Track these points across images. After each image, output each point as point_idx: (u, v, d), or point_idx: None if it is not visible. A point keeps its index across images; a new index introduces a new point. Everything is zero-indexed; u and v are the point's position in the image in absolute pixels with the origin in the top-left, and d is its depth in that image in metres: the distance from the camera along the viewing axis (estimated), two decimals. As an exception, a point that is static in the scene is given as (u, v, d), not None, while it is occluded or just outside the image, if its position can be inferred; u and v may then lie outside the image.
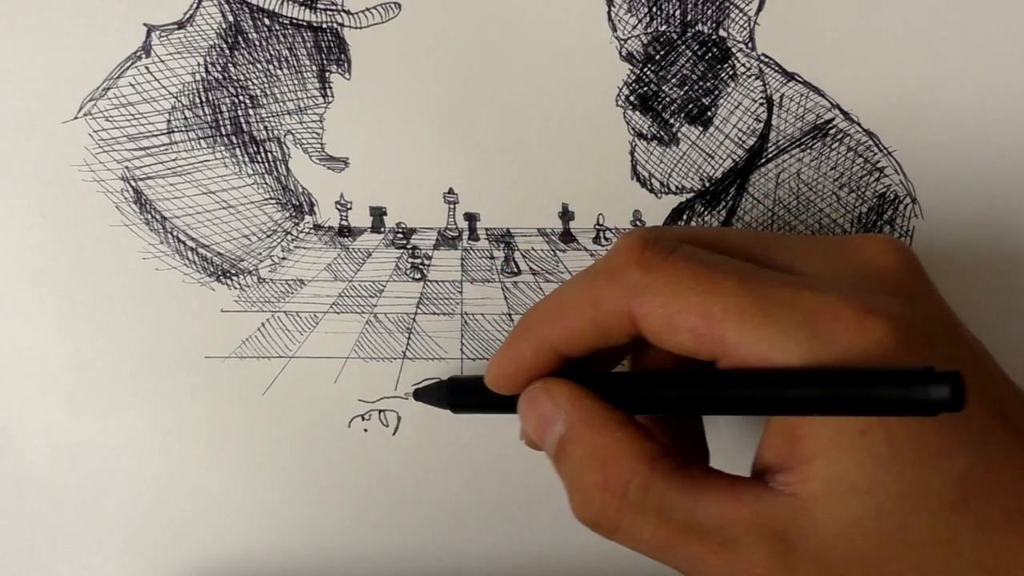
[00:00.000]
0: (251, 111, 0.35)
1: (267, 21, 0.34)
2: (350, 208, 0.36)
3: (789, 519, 0.24)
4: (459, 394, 0.32)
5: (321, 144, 0.35)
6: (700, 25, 0.34)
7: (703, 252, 0.26)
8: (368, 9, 0.34)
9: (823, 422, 0.24)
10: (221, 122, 0.35)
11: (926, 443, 0.24)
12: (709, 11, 0.34)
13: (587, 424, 0.27)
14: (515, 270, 0.36)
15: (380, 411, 0.37)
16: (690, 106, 0.35)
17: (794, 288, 0.24)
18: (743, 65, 0.35)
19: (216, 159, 0.35)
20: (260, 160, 0.35)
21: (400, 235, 0.36)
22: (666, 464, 0.26)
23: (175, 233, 0.36)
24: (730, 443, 0.34)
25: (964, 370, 0.25)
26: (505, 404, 0.29)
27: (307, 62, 0.35)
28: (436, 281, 0.36)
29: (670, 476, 0.26)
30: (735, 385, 0.24)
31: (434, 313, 0.36)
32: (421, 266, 0.36)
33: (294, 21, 0.34)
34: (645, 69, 0.35)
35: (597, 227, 0.36)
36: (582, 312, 0.27)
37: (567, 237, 0.36)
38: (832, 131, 0.35)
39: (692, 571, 0.26)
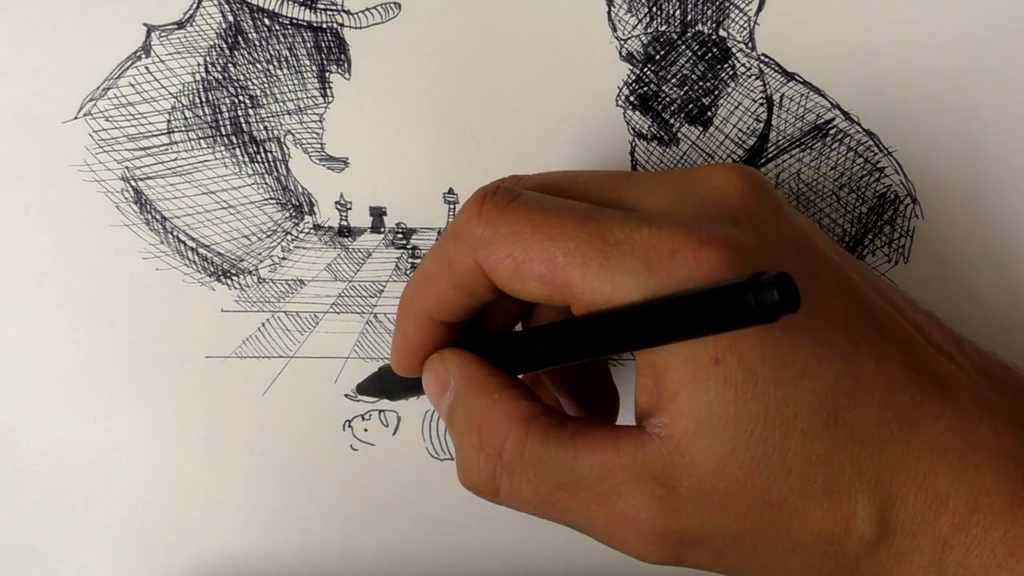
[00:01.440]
0: (251, 111, 0.35)
1: (267, 21, 0.34)
2: (350, 208, 0.36)
3: (666, 460, 0.24)
4: (388, 382, 0.32)
5: (321, 144, 0.35)
6: (700, 25, 0.34)
7: (544, 197, 0.26)
8: (368, 9, 0.34)
9: (679, 357, 0.24)
10: (221, 122, 0.35)
11: (785, 363, 0.24)
12: (709, 11, 0.34)
13: (470, 388, 0.27)
14: (515, 270, 0.36)
15: (380, 411, 0.37)
16: (690, 106, 0.35)
17: (632, 225, 0.24)
18: (743, 65, 0.35)
19: (216, 159, 0.35)
20: (260, 160, 0.35)
21: (400, 235, 0.36)
22: (543, 422, 0.26)
23: (175, 233, 0.36)
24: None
25: (819, 285, 0.25)
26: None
27: (307, 62, 0.35)
28: (436, 281, 0.36)
29: (546, 433, 0.26)
30: (587, 329, 0.25)
31: (434, 313, 0.36)
32: (421, 266, 0.36)
33: (294, 21, 0.34)
34: (645, 69, 0.35)
35: (597, 227, 0.36)
36: (440, 276, 0.27)
37: (567, 237, 0.36)
38: (832, 131, 0.35)
39: (580, 526, 0.26)
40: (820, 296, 0.25)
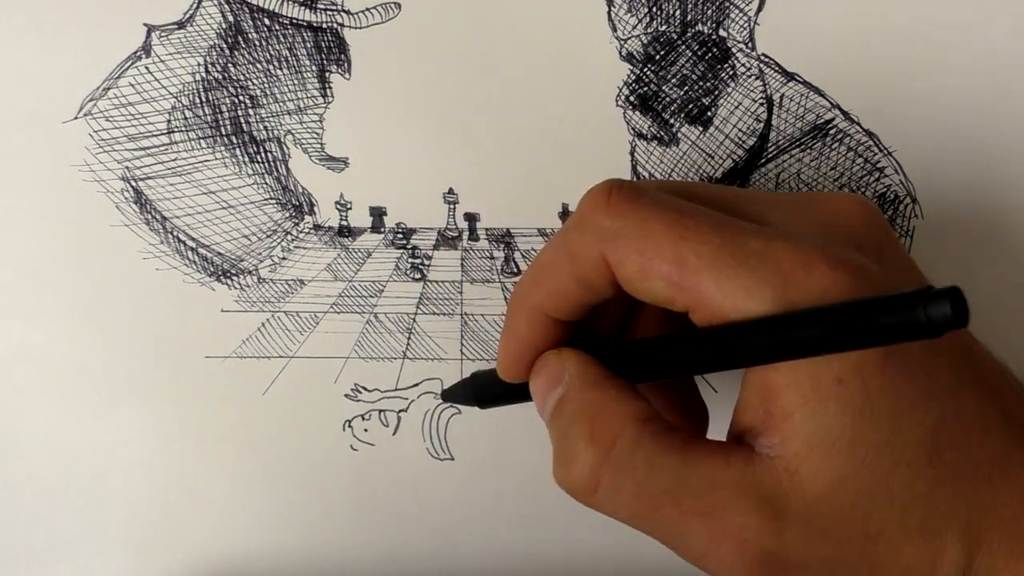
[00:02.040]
0: (251, 111, 0.35)
1: (267, 21, 0.34)
2: (350, 208, 0.36)
3: (775, 481, 0.24)
4: (481, 388, 0.32)
5: (321, 144, 0.35)
6: (700, 25, 0.34)
7: (673, 198, 0.25)
8: (368, 9, 0.34)
9: (801, 375, 0.23)
10: (221, 122, 0.35)
11: (900, 393, 0.24)
12: (709, 11, 0.34)
13: (586, 383, 0.27)
14: (515, 270, 0.36)
15: (380, 411, 0.37)
16: (690, 106, 0.35)
17: (767, 237, 0.24)
18: (743, 65, 0.35)
19: (216, 159, 0.35)
20: (260, 160, 0.35)
21: (400, 235, 0.36)
22: (658, 425, 0.25)
23: (175, 233, 0.36)
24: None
25: None
26: (526, 392, 0.29)
27: (307, 62, 0.35)
28: (436, 281, 0.36)
29: (659, 437, 0.25)
30: (729, 339, 0.24)
31: (434, 313, 0.36)
32: (421, 266, 0.36)
33: (294, 21, 0.34)
34: (645, 69, 0.35)
35: (597, 227, 0.36)
36: (561, 269, 0.26)
37: (567, 237, 0.36)
38: (832, 131, 0.35)
39: (675, 539, 0.25)
40: None
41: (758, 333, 0.23)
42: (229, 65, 0.35)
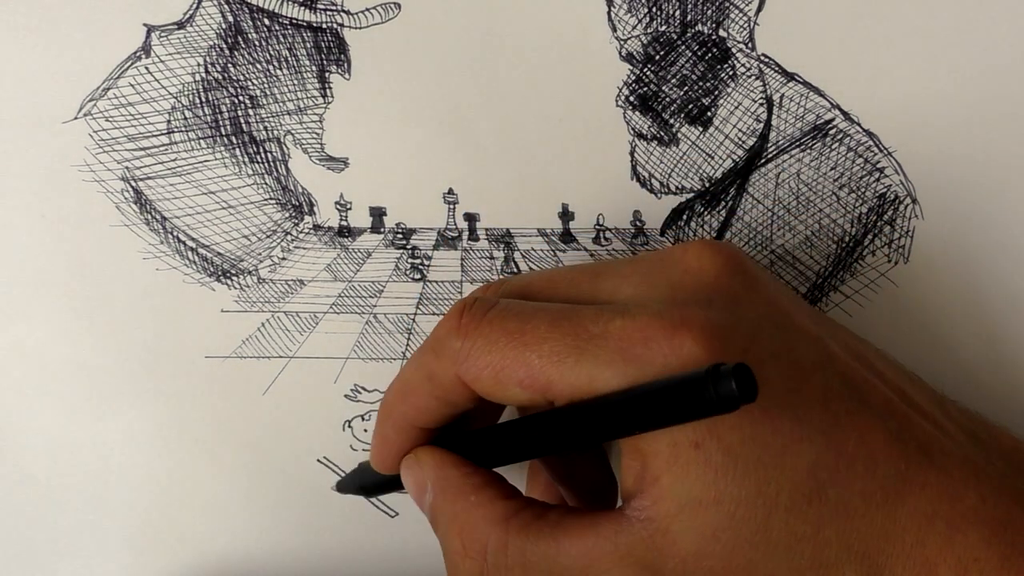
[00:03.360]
0: (251, 111, 0.35)
1: (267, 21, 0.34)
2: (350, 208, 0.36)
3: (649, 544, 0.24)
4: (367, 478, 0.33)
5: (321, 144, 0.35)
6: (700, 25, 0.34)
7: (519, 304, 0.27)
8: (368, 9, 0.34)
9: (661, 443, 0.24)
10: (221, 122, 0.35)
11: (765, 443, 0.24)
12: (709, 11, 0.34)
13: (445, 491, 0.28)
14: (515, 270, 0.36)
15: (380, 411, 0.37)
16: (690, 106, 0.35)
17: (605, 319, 0.25)
18: (743, 65, 0.35)
19: (216, 159, 0.35)
20: (260, 160, 0.35)
21: (400, 235, 0.36)
22: (522, 519, 0.26)
23: (175, 233, 0.36)
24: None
25: (797, 360, 0.25)
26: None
27: (307, 62, 0.35)
28: (436, 281, 0.36)
29: (527, 530, 0.26)
30: (560, 422, 0.25)
31: (434, 313, 0.36)
32: (421, 266, 0.36)
33: (294, 21, 0.34)
34: (645, 69, 0.35)
35: (597, 227, 0.36)
36: (423, 388, 0.28)
37: (567, 237, 0.36)
38: (832, 131, 0.35)
39: None
40: (799, 372, 0.25)
41: (579, 416, 0.25)
42: (229, 65, 0.35)
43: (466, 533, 0.27)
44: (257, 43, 0.35)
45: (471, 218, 0.36)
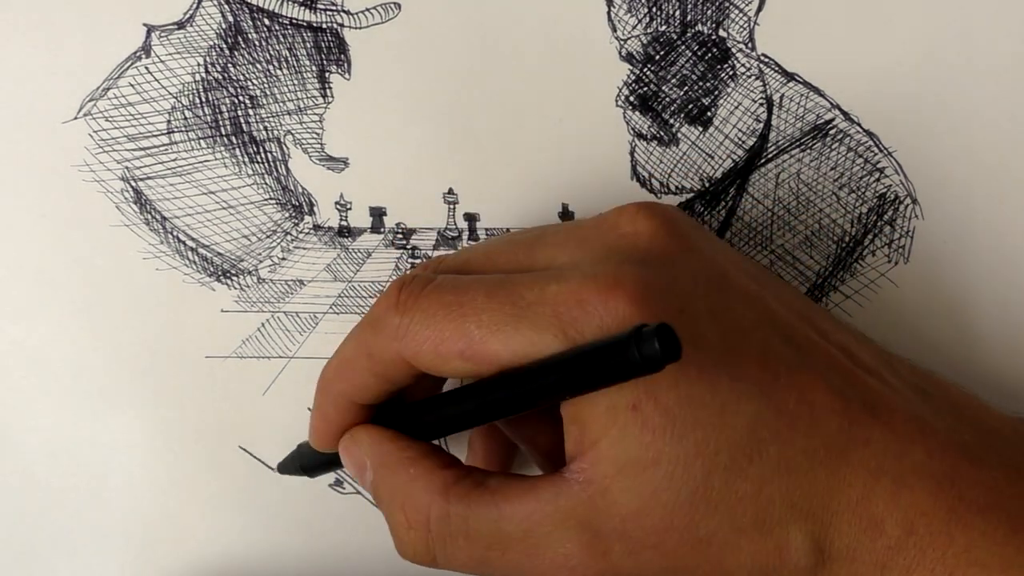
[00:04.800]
0: (251, 111, 0.35)
1: (267, 21, 0.34)
2: (350, 208, 0.36)
3: (589, 505, 0.25)
4: (306, 458, 0.33)
5: (321, 144, 0.35)
6: (700, 25, 0.34)
7: (455, 278, 0.27)
8: (368, 9, 0.34)
9: (599, 406, 0.24)
10: (221, 122, 0.35)
11: (703, 403, 0.24)
12: (709, 11, 0.34)
13: (384, 467, 0.28)
14: (515, 270, 0.36)
15: (380, 411, 0.37)
16: (690, 106, 0.35)
17: (540, 285, 0.25)
18: (743, 65, 0.35)
19: (216, 159, 0.35)
20: (260, 160, 0.35)
21: (400, 235, 0.36)
22: (462, 487, 0.26)
23: (175, 233, 0.36)
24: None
25: (735, 319, 0.25)
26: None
27: (307, 62, 0.35)
28: (436, 281, 0.36)
29: (468, 498, 0.26)
30: (493, 390, 0.25)
31: (434, 313, 0.36)
32: (421, 266, 0.36)
33: (294, 21, 0.34)
34: (645, 69, 0.35)
35: (597, 227, 0.36)
36: (362, 366, 0.28)
37: (567, 237, 0.36)
38: (832, 131, 0.35)
39: None
40: (736, 330, 0.25)
41: (510, 384, 0.25)
42: (229, 65, 0.35)
43: (408, 506, 0.27)
44: (257, 43, 0.35)
45: (471, 218, 0.36)
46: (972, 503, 0.25)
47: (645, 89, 0.35)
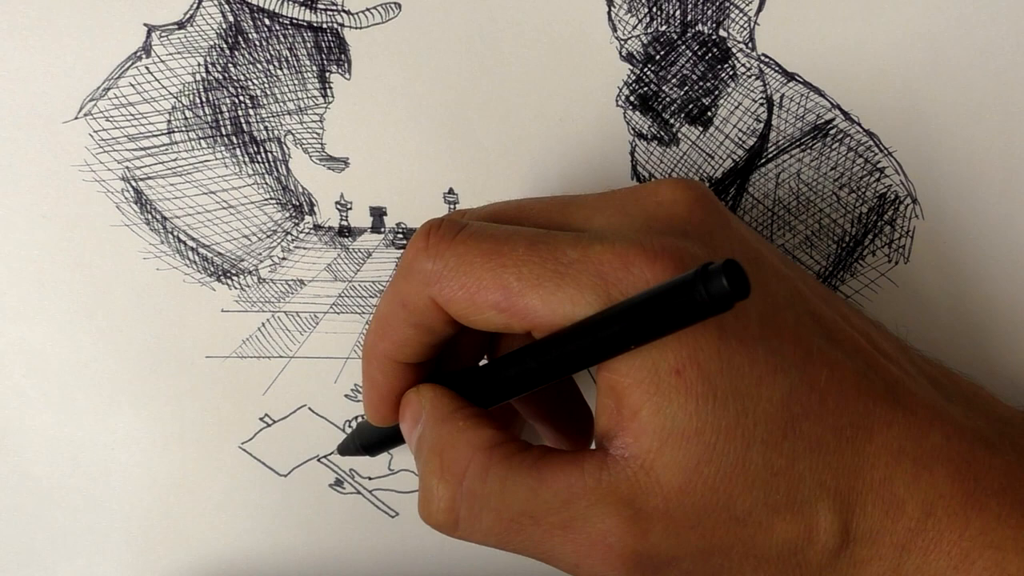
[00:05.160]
0: (251, 111, 0.35)
1: (267, 21, 0.34)
2: (350, 208, 0.36)
3: (631, 481, 0.24)
4: (366, 436, 0.32)
5: (321, 144, 0.35)
6: (700, 25, 0.34)
7: (491, 226, 0.26)
8: (368, 9, 0.34)
9: (642, 371, 0.24)
10: (221, 122, 0.35)
11: (742, 373, 0.24)
12: (709, 11, 0.34)
13: (436, 419, 0.27)
14: (515, 270, 0.36)
15: (380, 411, 0.37)
16: (690, 106, 0.35)
17: (584, 244, 0.24)
18: (743, 65, 0.35)
19: (216, 159, 0.35)
20: (260, 160, 0.35)
21: (400, 235, 0.36)
22: (506, 449, 0.26)
23: (175, 233, 0.36)
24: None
25: (770, 294, 0.25)
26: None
27: (307, 62, 0.35)
28: (436, 281, 0.36)
29: (509, 460, 0.25)
30: (548, 349, 0.24)
31: (434, 313, 0.36)
32: (421, 266, 0.36)
33: (294, 21, 0.34)
34: (645, 69, 0.35)
35: (597, 227, 0.36)
36: (398, 318, 0.27)
37: (567, 237, 0.36)
38: (832, 131, 0.35)
39: (545, 554, 0.26)
40: (772, 306, 0.25)
41: (572, 339, 0.24)
42: (229, 65, 0.35)
43: (447, 454, 0.26)
44: (257, 43, 0.35)
45: (471, 218, 0.36)
46: (988, 487, 0.25)
47: (645, 89, 0.35)
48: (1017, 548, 0.24)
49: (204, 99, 0.35)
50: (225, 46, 0.35)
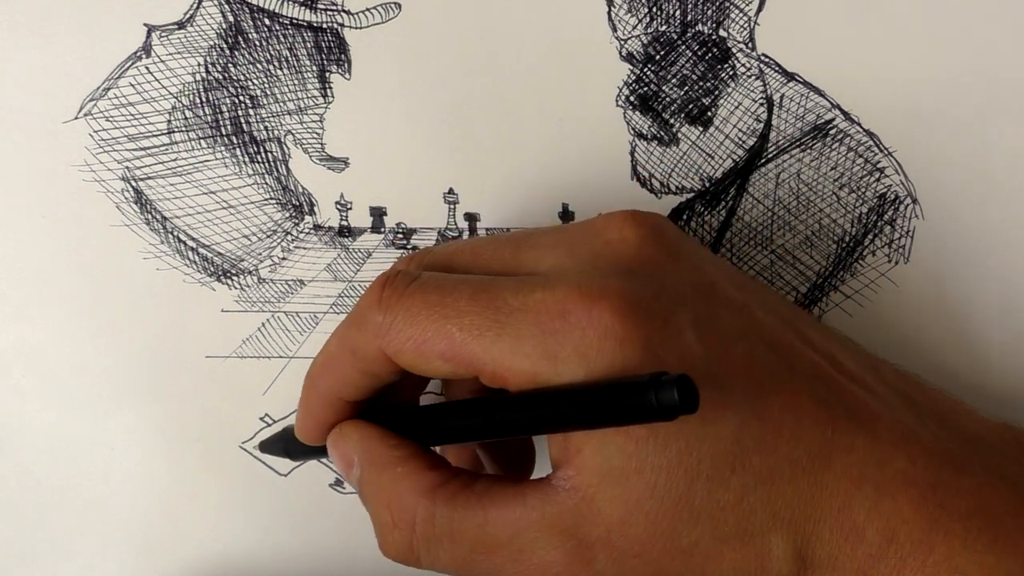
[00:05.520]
0: (251, 111, 0.35)
1: (267, 21, 0.34)
2: (350, 208, 0.36)
3: (574, 512, 0.25)
4: (291, 444, 0.33)
5: (321, 144, 0.35)
6: (700, 25, 0.34)
7: (440, 276, 0.27)
8: (368, 9, 0.34)
9: None
10: (221, 122, 0.35)
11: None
12: (709, 11, 0.34)
13: (372, 464, 0.28)
14: (515, 270, 0.36)
15: (380, 411, 0.37)
16: (690, 106, 0.35)
17: (525, 291, 0.25)
18: (743, 65, 0.35)
19: (216, 159, 0.35)
20: (260, 160, 0.35)
21: (400, 235, 0.36)
22: (449, 489, 0.26)
23: (175, 233, 0.36)
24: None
25: (720, 328, 0.25)
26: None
27: (307, 62, 0.35)
28: (436, 281, 0.36)
29: (454, 500, 0.26)
30: (503, 410, 0.25)
31: (434, 313, 0.36)
32: (421, 266, 0.36)
33: (294, 21, 0.34)
34: (645, 69, 0.35)
35: (597, 227, 0.36)
36: (346, 362, 0.28)
37: (567, 237, 0.36)
38: (832, 131, 0.35)
39: None
40: (722, 340, 0.25)
41: (518, 408, 0.25)
42: (229, 65, 0.35)
43: (394, 504, 0.27)
44: (257, 43, 0.35)
45: (471, 218, 0.36)
46: (954, 511, 0.25)
47: (645, 89, 0.35)
48: (983, 573, 0.24)
49: (204, 99, 0.35)
50: (225, 46, 0.35)
